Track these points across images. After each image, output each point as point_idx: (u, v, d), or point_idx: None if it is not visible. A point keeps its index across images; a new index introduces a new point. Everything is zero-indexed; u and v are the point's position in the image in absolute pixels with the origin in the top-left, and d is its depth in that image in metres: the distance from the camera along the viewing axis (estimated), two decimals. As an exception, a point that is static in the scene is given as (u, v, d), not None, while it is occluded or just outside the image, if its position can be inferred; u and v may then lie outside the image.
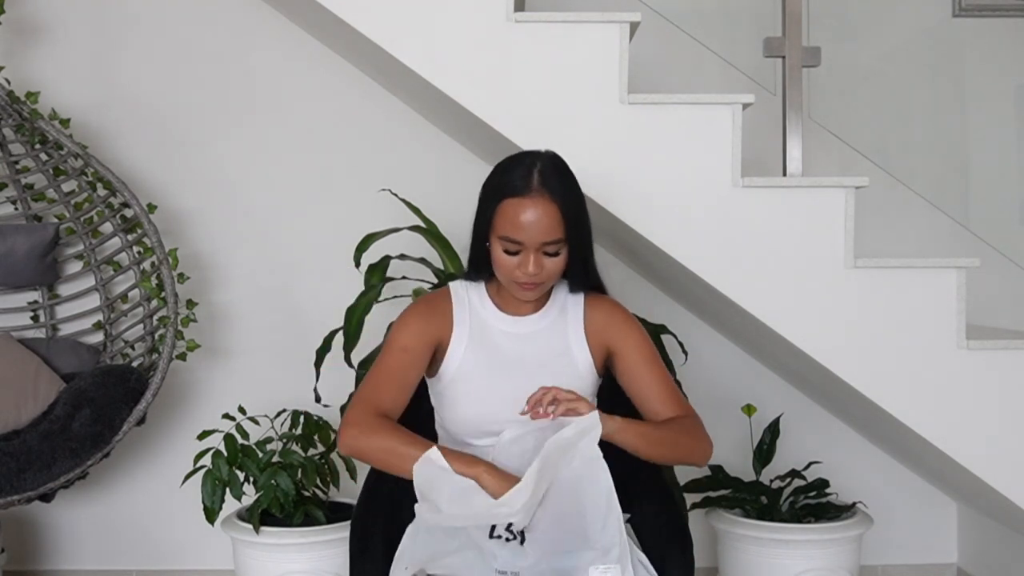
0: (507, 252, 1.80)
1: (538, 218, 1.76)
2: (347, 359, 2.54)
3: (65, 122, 2.93)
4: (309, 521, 2.60)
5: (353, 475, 2.69)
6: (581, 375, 1.88)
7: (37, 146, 2.92)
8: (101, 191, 2.96)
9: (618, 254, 3.10)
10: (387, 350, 1.87)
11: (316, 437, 2.71)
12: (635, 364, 1.90)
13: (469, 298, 1.92)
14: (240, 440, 2.60)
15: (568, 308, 1.92)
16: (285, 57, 3.16)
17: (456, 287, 1.94)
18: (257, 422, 2.70)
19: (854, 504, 2.84)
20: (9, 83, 2.88)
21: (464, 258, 1.97)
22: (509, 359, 1.87)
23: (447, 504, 1.66)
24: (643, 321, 2.73)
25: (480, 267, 1.91)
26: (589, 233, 1.86)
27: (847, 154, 3.21)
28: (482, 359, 1.86)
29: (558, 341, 1.89)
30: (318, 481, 2.63)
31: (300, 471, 2.58)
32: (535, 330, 1.88)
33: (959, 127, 3.33)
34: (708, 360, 3.17)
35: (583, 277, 1.89)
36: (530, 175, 1.79)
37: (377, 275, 2.60)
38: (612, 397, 2.00)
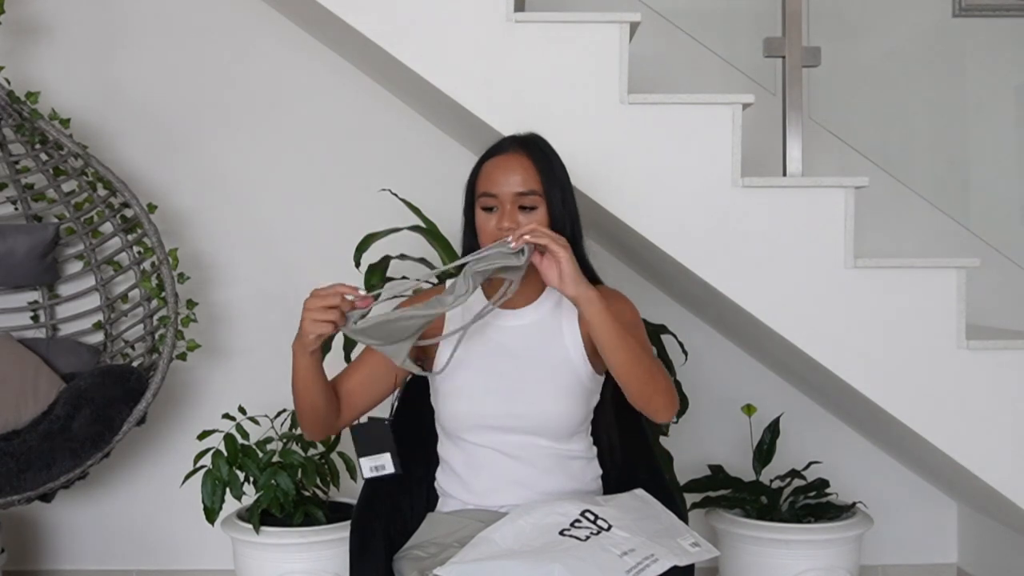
0: (485, 210, 1.83)
1: (512, 169, 1.83)
2: (347, 359, 2.54)
3: (65, 122, 2.93)
4: (309, 521, 2.60)
5: (353, 475, 2.70)
6: (575, 367, 1.87)
7: (37, 146, 2.92)
8: (101, 191, 2.96)
9: (618, 254, 3.10)
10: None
11: (316, 437, 2.71)
12: None
13: None
14: (240, 440, 2.61)
15: (564, 300, 1.89)
16: (285, 57, 3.16)
17: (451, 283, 1.95)
18: (257, 422, 2.70)
19: (854, 504, 2.84)
20: (9, 83, 2.88)
21: None
22: (501, 352, 1.87)
23: None
24: (643, 321, 2.74)
25: None
26: (575, 209, 1.89)
27: (847, 154, 3.21)
28: (474, 354, 1.86)
29: (551, 333, 1.88)
30: (318, 481, 2.63)
31: (300, 471, 2.58)
32: (528, 322, 1.88)
33: (959, 127, 3.33)
34: (708, 360, 3.17)
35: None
36: (510, 139, 1.90)
37: (377, 275, 2.60)
38: (616, 398, 2.00)
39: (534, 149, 1.87)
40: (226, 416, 2.65)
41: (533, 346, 1.87)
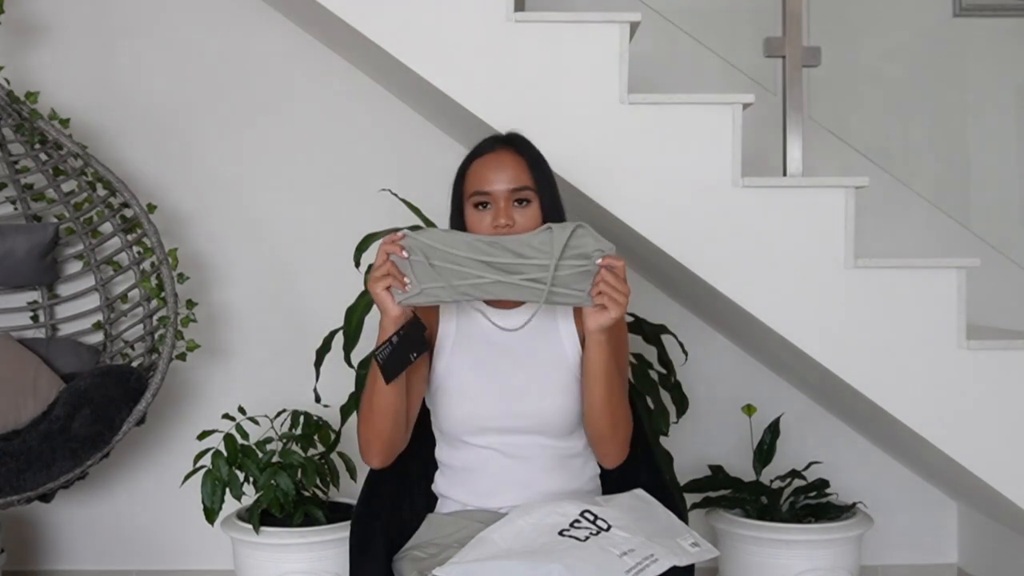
0: (478, 207, 1.84)
1: (503, 166, 1.84)
2: (347, 359, 2.54)
3: (65, 122, 2.93)
4: (309, 521, 2.60)
5: (353, 475, 2.70)
6: (571, 365, 1.87)
7: (37, 146, 2.92)
8: (101, 191, 2.96)
9: (617, 254, 3.09)
10: None
11: (316, 437, 2.71)
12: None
13: None
14: (240, 440, 2.61)
15: None
16: (285, 57, 3.16)
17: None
18: (257, 422, 2.70)
19: (854, 504, 2.84)
20: (9, 83, 2.88)
21: None
22: (497, 353, 1.87)
23: None
24: (643, 321, 2.75)
25: None
26: (560, 204, 1.89)
27: (847, 154, 3.21)
28: (469, 356, 1.87)
29: (548, 331, 1.88)
30: (318, 481, 2.63)
31: (300, 471, 2.58)
32: (524, 321, 1.88)
33: (959, 127, 3.33)
34: (708, 360, 3.17)
35: None
36: (493, 139, 1.91)
37: (377, 275, 2.59)
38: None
39: (521, 146, 1.89)
40: (226, 416, 2.65)
41: (530, 345, 1.87)
